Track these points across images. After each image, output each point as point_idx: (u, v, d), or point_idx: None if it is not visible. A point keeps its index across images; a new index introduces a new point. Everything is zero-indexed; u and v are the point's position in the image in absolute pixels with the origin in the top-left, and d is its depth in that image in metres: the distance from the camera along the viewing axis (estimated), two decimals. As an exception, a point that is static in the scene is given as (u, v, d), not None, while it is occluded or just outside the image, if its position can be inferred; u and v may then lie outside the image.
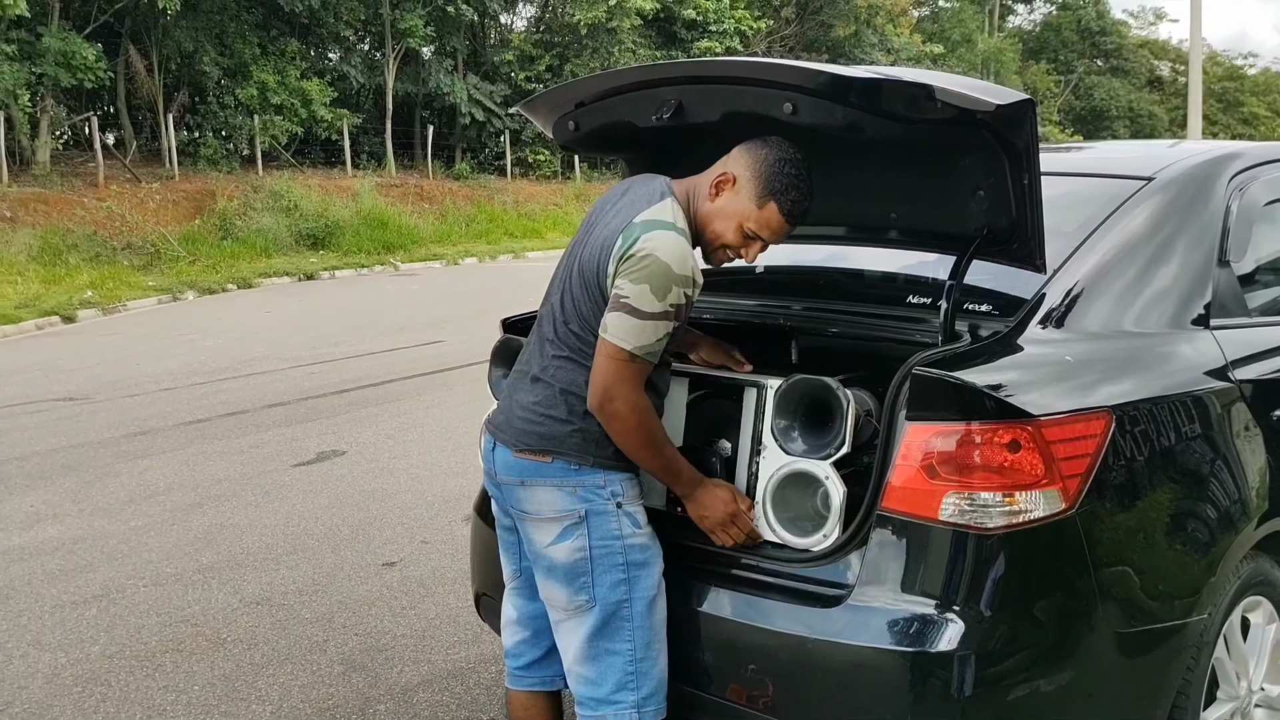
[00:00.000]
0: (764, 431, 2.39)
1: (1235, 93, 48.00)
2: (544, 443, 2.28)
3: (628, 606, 2.27)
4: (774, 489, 2.35)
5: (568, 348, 2.29)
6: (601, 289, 2.22)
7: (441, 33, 25.88)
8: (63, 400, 8.22)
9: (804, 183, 2.30)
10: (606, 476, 2.29)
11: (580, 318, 2.28)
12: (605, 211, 2.36)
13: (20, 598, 4.28)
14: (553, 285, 2.41)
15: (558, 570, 2.30)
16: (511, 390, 2.42)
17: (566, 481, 2.27)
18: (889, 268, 2.89)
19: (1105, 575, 2.17)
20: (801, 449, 2.32)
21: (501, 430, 2.38)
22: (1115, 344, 2.37)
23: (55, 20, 18.96)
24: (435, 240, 22.24)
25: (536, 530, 2.32)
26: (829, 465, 2.28)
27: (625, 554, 2.28)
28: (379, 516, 5.17)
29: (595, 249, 2.26)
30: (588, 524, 2.26)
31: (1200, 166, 2.77)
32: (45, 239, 16.82)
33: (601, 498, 2.27)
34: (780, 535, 2.34)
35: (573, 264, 2.33)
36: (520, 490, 2.32)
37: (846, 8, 31.60)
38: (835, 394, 2.27)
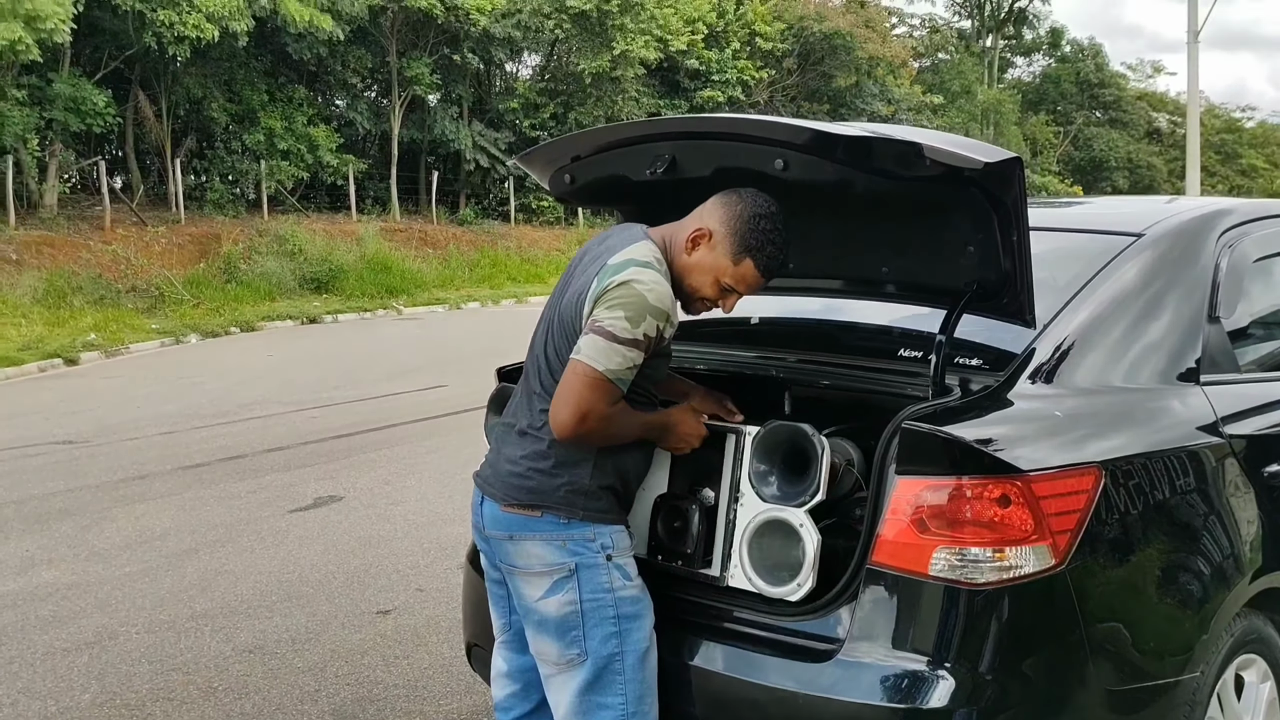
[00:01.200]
0: (741, 478, 2.39)
1: (1233, 145, 48.38)
2: (532, 497, 2.28)
3: (619, 660, 2.26)
4: (751, 537, 2.34)
5: (549, 395, 2.29)
6: (579, 331, 2.23)
7: (447, 80, 26.20)
8: (62, 443, 8.23)
9: (779, 237, 2.32)
10: (596, 529, 2.28)
11: (550, 358, 2.31)
12: (584, 261, 2.39)
13: (12, 644, 4.25)
14: (536, 337, 2.42)
15: (549, 624, 2.29)
16: (498, 443, 2.42)
17: (555, 535, 2.26)
18: (880, 321, 2.91)
19: (1096, 632, 2.17)
20: (777, 496, 2.32)
21: (489, 484, 2.37)
22: (1105, 399, 2.38)
23: (66, 66, 19.19)
24: (438, 284, 22.34)
25: (526, 585, 2.31)
26: (804, 513, 2.28)
27: (616, 606, 2.27)
28: (374, 563, 5.16)
29: (574, 296, 2.29)
30: (578, 577, 2.26)
31: (1190, 223, 2.80)
32: (50, 281, 16.90)
33: (591, 551, 2.27)
34: (756, 584, 2.32)
35: (553, 315, 2.36)
36: (509, 545, 2.31)
37: (848, 59, 31.97)
38: (811, 441, 2.27)
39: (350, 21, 22.66)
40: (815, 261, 2.83)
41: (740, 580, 2.35)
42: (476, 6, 24.09)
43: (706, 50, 29.10)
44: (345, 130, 24.90)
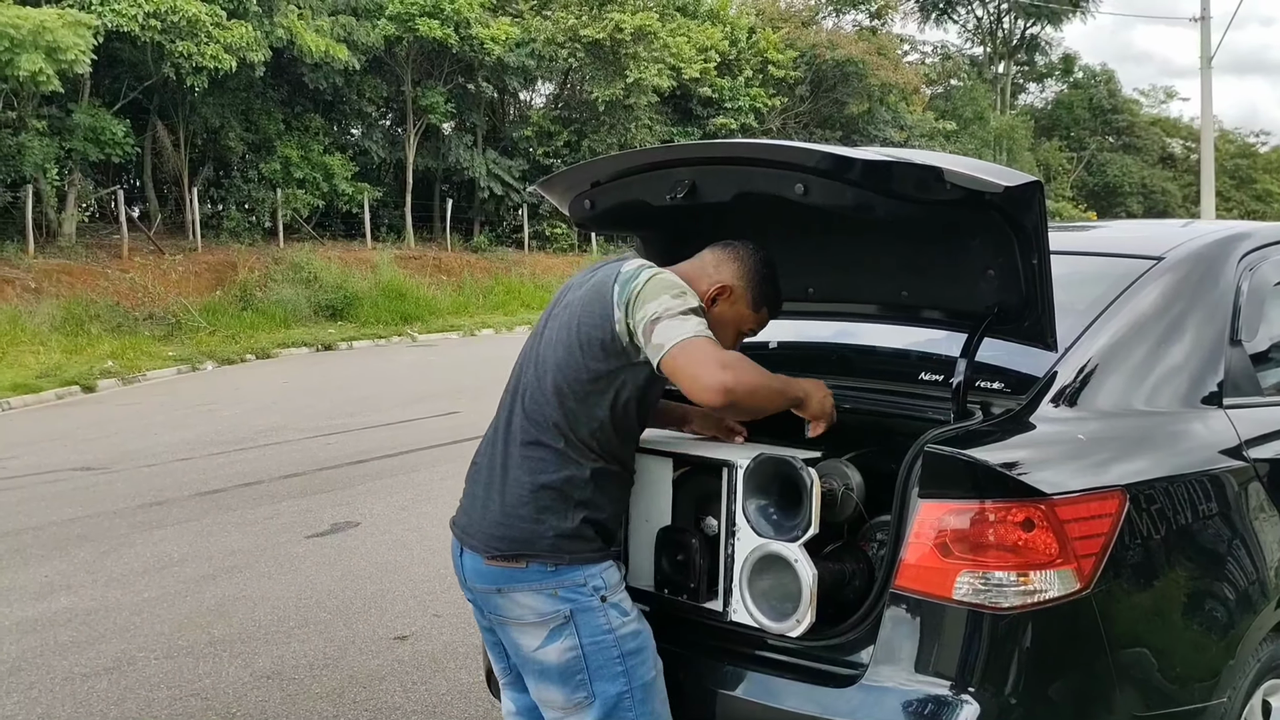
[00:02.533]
0: (736, 512, 2.34)
1: (1248, 170, 48.32)
2: (515, 546, 2.19)
3: (629, 696, 2.22)
4: (750, 571, 2.30)
5: (544, 441, 2.21)
6: (606, 344, 2.18)
7: (462, 109, 26.41)
8: (80, 470, 8.27)
9: (779, 281, 2.45)
10: (586, 572, 2.20)
11: (563, 406, 2.21)
12: (573, 291, 2.35)
13: (32, 670, 4.26)
14: (519, 381, 2.33)
15: (550, 672, 2.22)
16: (475, 489, 2.33)
17: (545, 584, 2.19)
18: (900, 344, 2.91)
19: (1122, 657, 2.15)
20: (771, 530, 2.27)
21: (468, 534, 2.29)
22: (1128, 422, 2.37)
23: (86, 97, 19.43)
24: (453, 311, 22.43)
25: (522, 635, 2.24)
26: (798, 548, 2.22)
27: (619, 645, 2.22)
28: (392, 589, 5.16)
29: (591, 314, 2.21)
30: (575, 623, 2.19)
31: (1210, 246, 2.79)
32: (68, 309, 17.05)
33: (584, 594, 2.20)
34: (757, 619, 2.28)
35: (547, 353, 2.27)
36: (497, 598, 2.24)
37: (860, 86, 32.09)
38: (800, 473, 2.22)
39: (366, 51, 22.94)
40: (835, 285, 2.84)
41: (743, 615, 2.32)
42: (491, 36, 24.32)
43: (719, 78, 29.27)
44: (360, 159, 25.10)
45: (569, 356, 2.24)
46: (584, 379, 2.22)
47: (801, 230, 2.76)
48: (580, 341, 2.23)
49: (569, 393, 2.22)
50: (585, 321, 2.24)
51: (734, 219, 2.82)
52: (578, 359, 2.22)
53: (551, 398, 2.23)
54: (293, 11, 20.77)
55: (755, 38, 31.08)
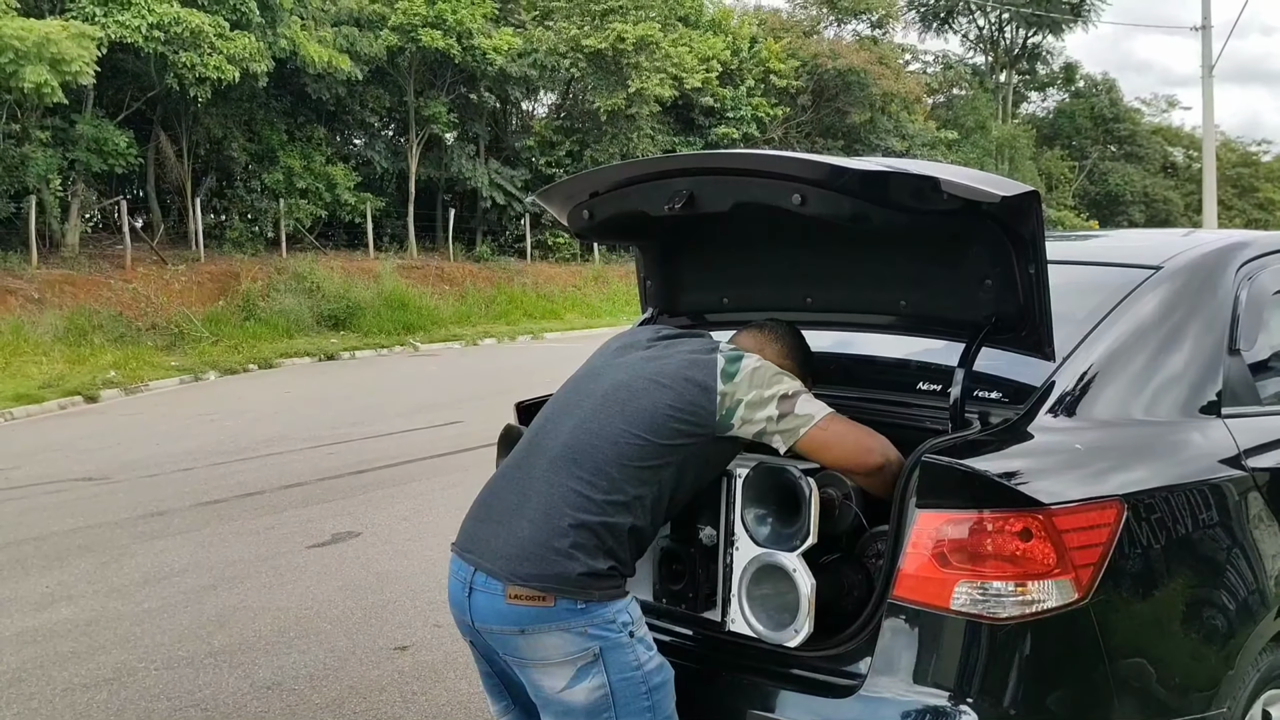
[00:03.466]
0: (735, 521, 2.33)
1: (1250, 178, 48.31)
2: (545, 582, 2.10)
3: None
4: (748, 581, 2.30)
5: (593, 485, 2.16)
6: (692, 422, 2.22)
7: (464, 119, 26.49)
8: (82, 480, 8.28)
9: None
10: (614, 609, 2.14)
11: (622, 461, 2.18)
12: (637, 350, 2.39)
13: (31, 680, 4.26)
14: (568, 417, 2.29)
15: (576, 713, 2.15)
16: (495, 513, 2.24)
17: (574, 623, 2.11)
18: (899, 354, 2.91)
19: (1121, 667, 2.15)
20: (770, 540, 2.26)
21: (484, 558, 2.17)
22: (1126, 432, 2.37)
23: (89, 108, 19.49)
24: (455, 321, 22.46)
25: (545, 677, 2.15)
26: (797, 558, 2.21)
27: (646, 681, 2.17)
28: (393, 599, 5.15)
29: (685, 382, 2.25)
30: (604, 661, 2.13)
31: (1208, 255, 2.79)
32: (71, 320, 17.08)
33: (614, 630, 2.14)
34: (756, 629, 2.28)
35: (615, 405, 2.25)
36: (519, 639, 2.14)
37: (862, 95, 32.15)
38: (798, 482, 2.21)
39: (369, 62, 23.02)
40: (833, 295, 2.84)
41: (741, 625, 2.31)
42: (493, 46, 24.39)
43: (721, 88, 29.33)
44: (363, 169, 25.17)
45: (646, 417, 2.21)
46: (658, 445, 2.20)
47: (799, 240, 2.77)
48: (666, 408, 2.22)
49: (635, 454, 2.19)
50: (675, 388, 2.24)
51: (732, 229, 2.83)
52: (658, 421, 2.21)
53: (610, 449, 2.19)
54: (296, 22, 20.85)
55: (757, 47, 31.17)
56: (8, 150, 18.00)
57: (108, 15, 17.78)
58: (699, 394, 2.23)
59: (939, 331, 2.67)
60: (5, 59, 15.75)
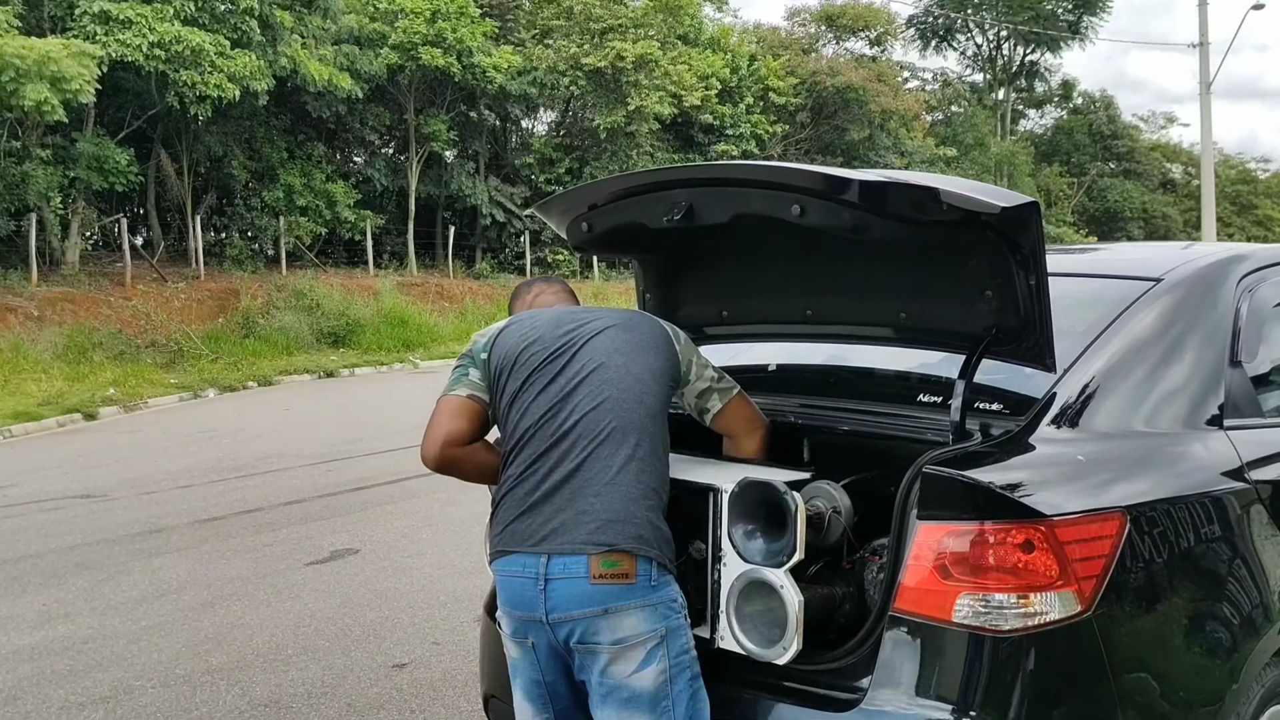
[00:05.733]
0: (721, 537, 2.32)
1: (1248, 195, 48.41)
2: (630, 543, 2.16)
3: (697, 718, 2.22)
4: (736, 598, 2.28)
5: (643, 446, 2.26)
6: (674, 375, 2.44)
7: (464, 137, 26.55)
8: (80, 497, 8.25)
9: None
10: (674, 588, 2.25)
11: (650, 411, 2.32)
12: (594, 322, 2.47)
13: (28, 699, 4.23)
14: (585, 384, 2.31)
15: (641, 699, 2.17)
16: (545, 501, 2.24)
17: (649, 600, 2.18)
18: (898, 366, 2.90)
19: (1125, 680, 2.13)
20: (757, 557, 2.24)
21: (558, 543, 2.19)
22: (1128, 444, 2.36)
23: (90, 126, 19.55)
24: (455, 338, 22.42)
25: (617, 661, 2.18)
26: (784, 574, 2.20)
27: (692, 666, 2.24)
28: (391, 616, 5.12)
29: (650, 347, 2.42)
30: (666, 643, 2.19)
31: (1209, 268, 2.79)
32: (71, 337, 17.07)
33: (675, 611, 2.23)
34: (744, 646, 2.27)
35: (620, 371, 2.34)
36: (601, 620, 2.17)
37: (860, 113, 32.26)
38: (783, 498, 2.19)
39: (369, 80, 23.09)
40: (832, 307, 2.83)
41: (730, 643, 2.30)
42: (493, 65, 24.48)
43: (720, 105, 29.42)
44: (363, 186, 25.21)
45: (651, 375, 2.36)
46: (664, 399, 2.38)
47: (799, 252, 2.77)
48: (658, 365, 2.40)
49: (658, 405, 2.34)
50: (656, 350, 2.42)
51: (731, 242, 2.83)
52: (658, 378, 2.38)
53: (638, 408, 2.31)
54: (296, 41, 20.91)
55: (756, 65, 31.27)
56: (8, 168, 18.03)
57: (109, 34, 17.83)
58: (669, 348, 2.44)
59: (938, 343, 2.67)
60: (6, 77, 15.79)
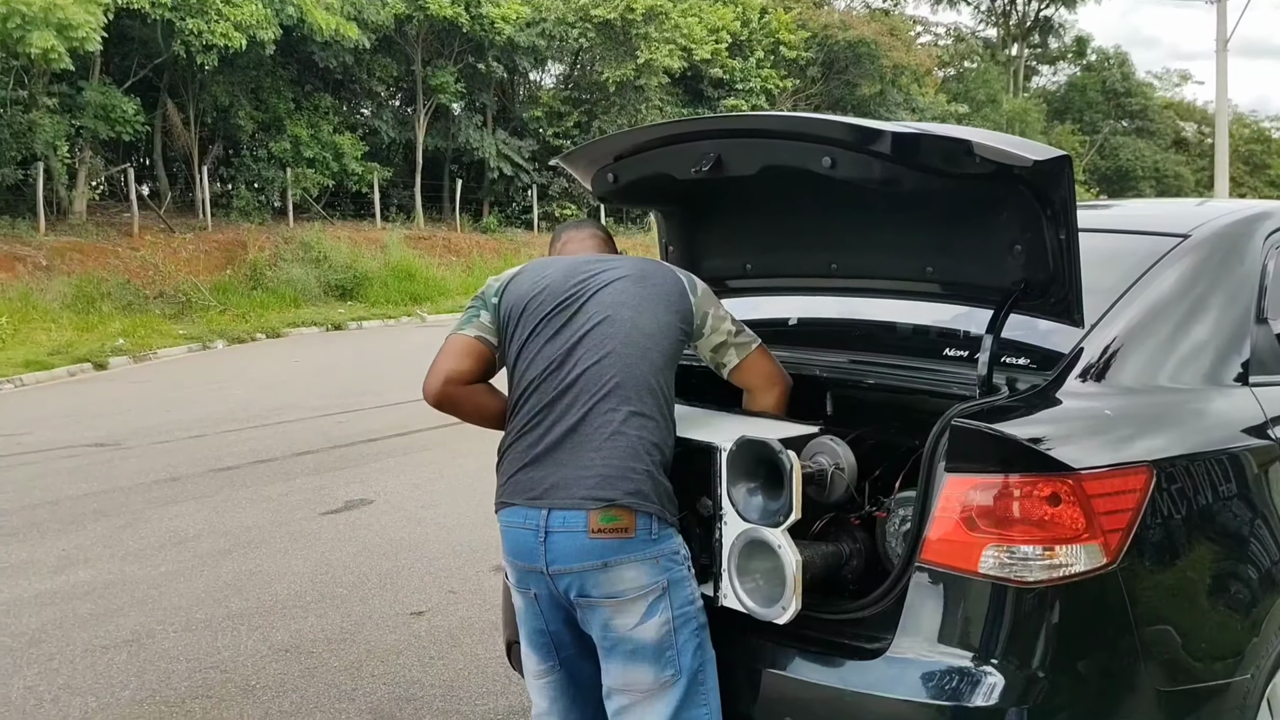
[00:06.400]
0: (721, 496, 2.31)
1: (1261, 155, 47.99)
2: (630, 498, 2.17)
3: (703, 669, 2.25)
4: (738, 557, 2.28)
5: (646, 401, 2.25)
6: (686, 328, 2.41)
7: (471, 89, 26.32)
8: (94, 446, 8.30)
9: None
10: (677, 540, 2.25)
11: (654, 365, 2.30)
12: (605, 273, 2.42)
13: (51, 641, 4.29)
14: (589, 337, 2.30)
15: (645, 650, 2.20)
16: (548, 455, 2.25)
17: (649, 553, 2.19)
18: (923, 320, 2.90)
19: (1147, 632, 2.15)
20: (755, 515, 2.24)
21: (558, 497, 2.20)
22: (1154, 399, 2.36)
23: (96, 75, 19.42)
24: (462, 292, 22.41)
25: (619, 614, 2.21)
26: (781, 533, 2.19)
27: (697, 616, 2.25)
28: (406, 565, 5.17)
29: (661, 299, 2.38)
30: (669, 595, 2.21)
31: (1237, 225, 2.77)
32: (79, 287, 17.09)
33: (678, 563, 2.24)
34: (746, 605, 2.28)
35: (627, 324, 2.31)
36: (600, 574, 2.19)
37: (872, 68, 31.91)
38: (778, 457, 2.18)
39: (376, 30, 22.86)
40: (858, 261, 2.83)
41: (732, 601, 2.30)
42: (501, 15, 24.23)
43: (730, 59, 29.11)
44: (370, 138, 25.05)
45: (658, 330, 2.34)
46: (670, 353, 2.35)
47: (824, 205, 2.76)
48: (667, 319, 2.36)
49: (662, 360, 2.32)
50: (667, 303, 2.38)
51: (756, 195, 2.82)
52: (666, 332, 2.35)
53: (642, 363, 2.29)
54: (303, -11, 20.70)
55: (767, 18, 30.89)
56: (15, 116, 17.96)
57: (115, -20, 17.67)
58: (682, 301, 2.41)
59: (965, 297, 2.66)
60: (12, 24, 15.68)
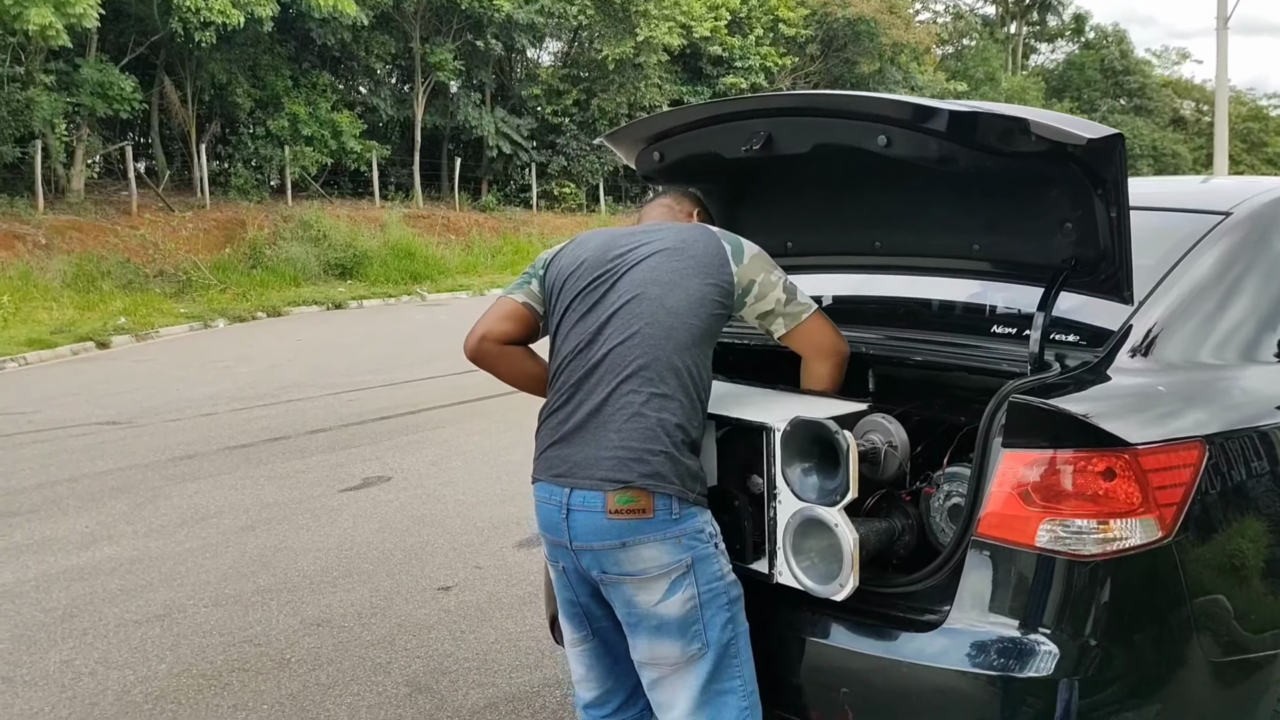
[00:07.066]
0: (775, 476, 2.31)
1: (1259, 133, 48.01)
2: (646, 480, 2.18)
3: (735, 643, 2.26)
4: (793, 535, 2.30)
5: (669, 382, 2.23)
6: (724, 300, 2.34)
7: (470, 67, 26.22)
8: (106, 424, 8.31)
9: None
10: (703, 518, 2.24)
11: (681, 344, 2.25)
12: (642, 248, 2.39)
13: (84, 616, 4.32)
14: (620, 314, 2.30)
15: (670, 625, 2.22)
16: (573, 433, 2.27)
17: (669, 533, 2.20)
18: (967, 298, 2.93)
19: (1199, 604, 2.19)
20: (812, 495, 2.25)
21: (578, 477, 2.22)
22: (1203, 375, 2.39)
23: (93, 52, 19.29)
24: (461, 271, 22.42)
25: (641, 591, 2.23)
26: (838, 512, 2.21)
27: (727, 592, 2.25)
28: (430, 541, 5.21)
29: (697, 272, 2.32)
30: (694, 571, 2.21)
31: (1276, 202, 2.80)
32: (79, 266, 17.05)
33: (702, 541, 2.23)
34: (802, 582, 2.30)
35: (655, 301, 2.29)
36: (620, 553, 2.21)
37: (871, 45, 31.84)
38: (835, 437, 2.19)
39: (374, 7, 22.73)
40: (902, 240, 2.85)
41: (788, 578, 2.32)
42: (500, -8, 24.10)
43: (729, 37, 29.04)
44: (368, 116, 24.96)
45: (688, 306, 2.29)
46: (701, 330, 2.30)
47: (868, 183, 2.77)
48: (701, 292, 2.31)
49: (689, 339, 2.27)
50: (704, 275, 2.32)
51: (799, 171, 2.83)
52: (697, 309, 2.29)
53: (667, 342, 2.26)
54: (300, -35, 20.56)
55: (766, -5, 30.81)
56: (13, 94, 17.84)
57: (112, -43, 17.54)
58: (721, 271, 2.34)
59: (1012, 275, 2.69)
60: (9, 1, 15.55)
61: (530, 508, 2.39)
